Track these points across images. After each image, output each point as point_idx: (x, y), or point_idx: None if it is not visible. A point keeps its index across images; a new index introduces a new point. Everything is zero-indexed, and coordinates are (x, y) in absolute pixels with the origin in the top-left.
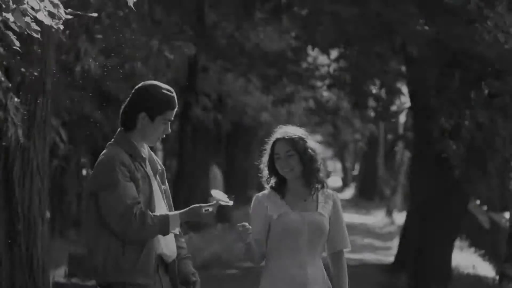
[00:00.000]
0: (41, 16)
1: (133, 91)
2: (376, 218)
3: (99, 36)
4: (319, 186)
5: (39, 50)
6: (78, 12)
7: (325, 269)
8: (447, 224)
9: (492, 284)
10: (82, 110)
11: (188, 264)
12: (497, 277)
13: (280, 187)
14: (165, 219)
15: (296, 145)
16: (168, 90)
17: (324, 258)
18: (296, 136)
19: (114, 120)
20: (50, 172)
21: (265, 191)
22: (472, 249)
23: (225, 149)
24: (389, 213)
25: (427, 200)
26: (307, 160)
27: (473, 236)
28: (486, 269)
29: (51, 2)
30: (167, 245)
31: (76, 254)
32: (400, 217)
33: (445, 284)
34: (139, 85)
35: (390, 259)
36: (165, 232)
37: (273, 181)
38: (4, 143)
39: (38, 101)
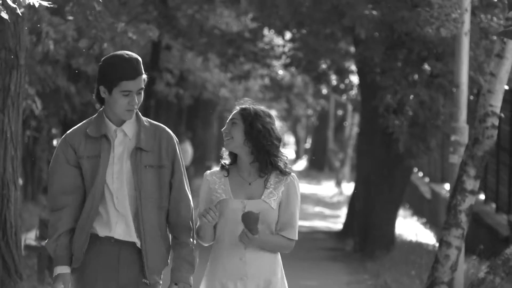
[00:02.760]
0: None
1: None
2: (326, 188)
3: (70, 18)
4: (270, 168)
5: (13, 26)
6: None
7: None
8: (391, 194)
9: (432, 249)
10: (54, 83)
11: (175, 271)
12: (437, 244)
13: (231, 164)
14: (55, 258)
15: (245, 115)
16: (126, 60)
17: None
18: (249, 108)
19: (84, 93)
20: (23, 142)
21: (214, 170)
22: (415, 218)
23: (186, 122)
24: (338, 183)
25: (373, 172)
26: (253, 134)
27: (415, 206)
28: (427, 236)
29: None
30: (111, 224)
31: (46, 218)
32: (348, 187)
33: (389, 249)
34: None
35: (339, 226)
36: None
37: (226, 156)
38: None
39: (12, 75)
